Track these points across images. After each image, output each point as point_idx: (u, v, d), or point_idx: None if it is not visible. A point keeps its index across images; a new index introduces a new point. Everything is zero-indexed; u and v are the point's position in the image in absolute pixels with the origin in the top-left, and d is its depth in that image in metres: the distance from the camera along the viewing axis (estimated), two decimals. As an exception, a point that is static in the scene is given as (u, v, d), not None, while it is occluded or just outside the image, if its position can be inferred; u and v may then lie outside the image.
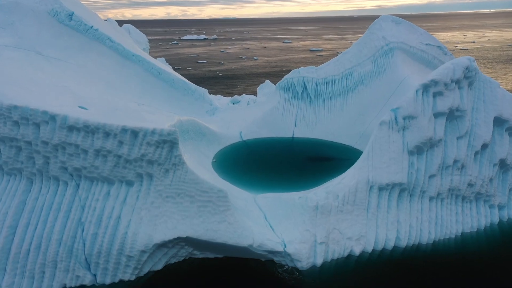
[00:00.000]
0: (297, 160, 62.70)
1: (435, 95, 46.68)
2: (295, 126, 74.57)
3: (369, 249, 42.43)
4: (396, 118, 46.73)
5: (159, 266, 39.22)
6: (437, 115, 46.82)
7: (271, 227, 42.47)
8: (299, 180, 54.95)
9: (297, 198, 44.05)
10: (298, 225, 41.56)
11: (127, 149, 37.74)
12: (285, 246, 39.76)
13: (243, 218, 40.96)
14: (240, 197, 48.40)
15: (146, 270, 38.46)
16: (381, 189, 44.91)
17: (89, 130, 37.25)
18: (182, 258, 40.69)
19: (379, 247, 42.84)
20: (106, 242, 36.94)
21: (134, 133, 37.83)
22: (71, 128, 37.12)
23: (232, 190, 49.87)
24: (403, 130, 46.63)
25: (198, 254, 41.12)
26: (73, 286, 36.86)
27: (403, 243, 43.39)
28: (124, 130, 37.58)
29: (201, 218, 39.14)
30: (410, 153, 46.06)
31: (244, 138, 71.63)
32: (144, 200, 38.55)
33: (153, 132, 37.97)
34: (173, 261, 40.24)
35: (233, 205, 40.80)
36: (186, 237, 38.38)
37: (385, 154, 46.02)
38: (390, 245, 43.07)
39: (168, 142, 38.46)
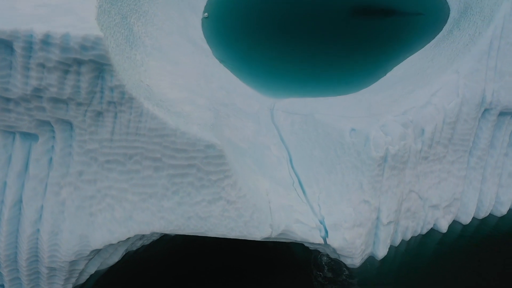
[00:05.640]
0: (336, 17, 39.46)
1: None
2: None
3: (465, 219, 25.85)
4: None
5: (114, 259, 23.44)
6: None
7: (300, 185, 24.78)
8: (341, 64, 34.03)
9: (349, 130, 24.83)
10: (350, 189, 23.74)
11: (-1, 78, 16.93)
12: (326, 233, 22.99)
13: (252, 187, 22.88)
14: (247, 108, 29.08)
15: (91, 271, 22.83)
16: (503, 114, 25.23)
17: None
18: (151, 241, 24.57)
19: (482, 214, 26.10)
20: (3, 247, 20.11)
21: (3, 43, 16.27)
22: None
23: (234, 90, 30.08)
24: None
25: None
26: (-32, 301, 21.89)
27: (523, 206, 26.42)
28: (-26, 37, 15.93)
29: (176, 197, 21.10)
30: None
31: (254, -31, 45.60)
32: (65, 169, 19.86)
33: (45, 41, 16.32)
34: (138, 245, 24.22)
35: (234, 167, 22.08)
36: (152, 233, 21.34)
37: (525, 48, 24.34)
38: (501, 211, 26.22)
39: (87, 64, 17.17)
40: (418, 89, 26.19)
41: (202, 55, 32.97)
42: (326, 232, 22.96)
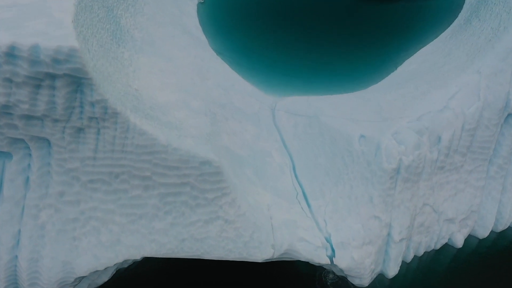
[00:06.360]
0: (342, 2, 36.57)
1: None
2: None
3: (483, 233, 24.07)
4: None
5: (104, 279, 21.65)
6: None
7: (304, 197, 22.82)
8: (348, 56, 31.56)
9: (357, 137, 22.69)
10: (359, 203, 21.78)
11: (-40, 95, 14.60)
12: (333, 252, 21.17)
13: (252, 203, 20.90)
14: (246, 108, 26.79)
15: (78, 293, 21.03)
16: (528, 120, 23.09)
17: None
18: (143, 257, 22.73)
19: (500, 227, 24.37)
20: (-20, 275, 18.28)
21: (-41, 57, 13.90)
22: None
23: (232, 87, 27.72)
24: None
25: (173, 249, 22.87)
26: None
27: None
28: None
29: (169, 217, 19.15)
30: None
31: None
32: (43, 189, 17.81)
33: (10, 54, 13.97)
34: (130, 261, 22.33)
35: (233, 183, 20.04)
36: (142, 258, 19.49)
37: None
38: (522, 223, 24.42)
39: (62, 78, 14.84)
40: (433, 90, 23.87)
41: (198, 47, 30.32)
42: (333, 250, 21.15)
